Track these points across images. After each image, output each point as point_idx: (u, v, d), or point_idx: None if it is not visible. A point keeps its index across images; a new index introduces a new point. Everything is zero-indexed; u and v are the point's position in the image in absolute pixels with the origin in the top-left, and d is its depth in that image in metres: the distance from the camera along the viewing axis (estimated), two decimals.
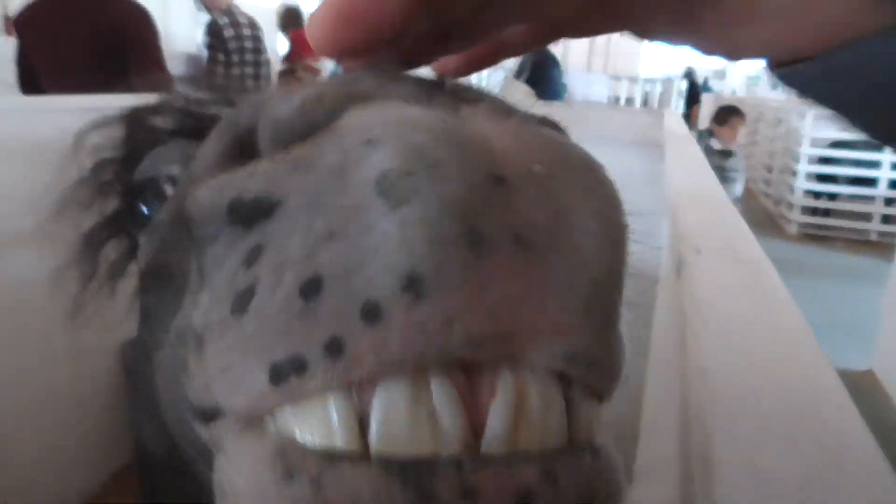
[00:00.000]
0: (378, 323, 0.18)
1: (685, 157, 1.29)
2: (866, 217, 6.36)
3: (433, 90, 0.22)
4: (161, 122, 0.67)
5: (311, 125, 0.21)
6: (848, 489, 0.29)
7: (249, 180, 0.20)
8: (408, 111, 0.20)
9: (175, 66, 5.79)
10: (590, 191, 0.21)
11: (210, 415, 0.23)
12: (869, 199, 6.41)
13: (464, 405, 0.19)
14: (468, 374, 0.20)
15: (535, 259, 0.19)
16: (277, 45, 5.71)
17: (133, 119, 0.70)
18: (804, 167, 7.07)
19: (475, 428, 0.19)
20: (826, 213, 7.00)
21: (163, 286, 0.34)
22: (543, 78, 4.95)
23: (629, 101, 8.87)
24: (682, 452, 0.34)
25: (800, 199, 7.18)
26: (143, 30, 2.60)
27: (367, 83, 0.22)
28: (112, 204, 0.71)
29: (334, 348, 0.18)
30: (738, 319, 0.45)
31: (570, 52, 12.19)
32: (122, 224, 0.70)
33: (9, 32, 6.01)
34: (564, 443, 0.21)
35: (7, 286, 1.46)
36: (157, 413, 0.39)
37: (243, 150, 0.24)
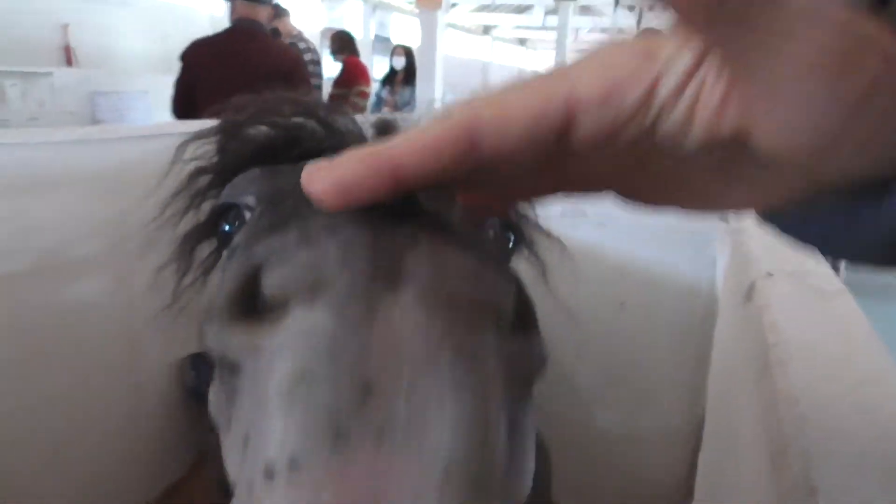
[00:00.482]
0: (271, 481, 0.26)
1: None
2: None
3: (374, 275, 0.28)
4: (251, 134, 0.72)
5: (273, 303, 0.29)
6: None
7: (228, 348, 0.30)
8: (318, 322, 0.27)
9: None
10: (452, 392, 0.26)
11: None
12: None
13: None
14: None
15: (394, 449, 0.25)
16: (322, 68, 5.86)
17: (226, 132, 0.74)
18: None
19: None
20: None
21: None
22: None
23: None
24: (779, 479, 0.34)
25: None
26: (297, 72, 2.97)
27: (317, 275, 0.28)
28: (206, 209, 0.76)
29: (250, 489, 0.27)
30: (822, 347, 0.45)
31: None
32: (214, 228, 0.74)
33: (69, 63, 6.29)
34: None
35: (72, 306, 1.53)
36: None
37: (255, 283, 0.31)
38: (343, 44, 5.29)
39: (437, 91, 5.07)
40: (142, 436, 1.85)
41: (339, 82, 5.13)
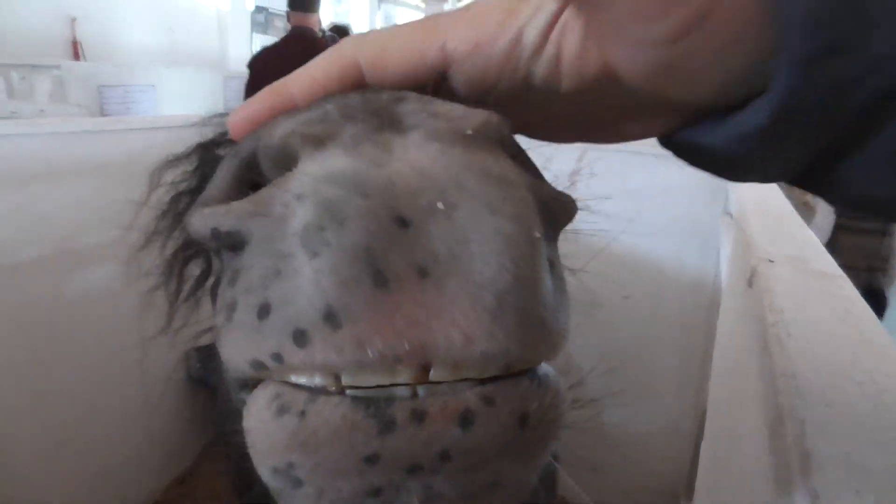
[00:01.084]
0: (305, 346, 0.23)
1: None
2: None
3: (382, 127, 0.27)
4: (226, 151, 0.74)
5: (278, 162, 0.27)
6: None
7: (224, 217, 0.26)
8: (334, 164, 0.24)
9: (232, 87, 5.98)
10: (490, 215, 0.24)
11: (241, 384, 0.30)
12: None
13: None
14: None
15: (440, 285, 0.23)
16: None
17: (201, 152, 0.76)
18: None
19: (425, 368, 0.24)
20: None
21: None
22: None
23: None
24: (775, 447, 0.35)
25: None
26: None
27: (322, 127, 0.27)
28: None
29: (277, 359, 0.24)
30: (820, 327, 0.46)
31: None
32: (201, 246, 0.76)
33: (76, 56, 6.31)
34: (502, 371, 0.25)
35: (81, 296, 1.54)
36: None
37: (251, 170, 0.30)
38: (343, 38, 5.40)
39: None
40: (149, 425, 1.87)
41: None
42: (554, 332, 0.26)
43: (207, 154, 0.76)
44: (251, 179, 0.30)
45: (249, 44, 8.62)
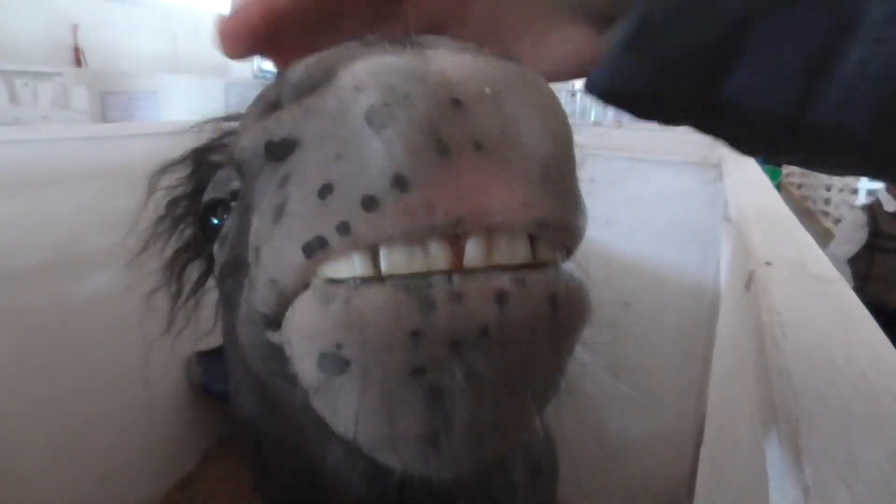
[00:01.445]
0: (375, 210, 0.25)
1: (746, 175, 1.29)
2: None
3: (403, 44, 0.28)
4: (220, 157, 0.75)
5: (315, 82, 0.28)
6: None
7: (275, 126, 0.28)
8: (382, 61, 0.26)
9: (234, 94, 6.00)
10: (532, 101, 0.27)
11: (273, 318, 0.30)
12: None
13: (449, 244, 0.26)
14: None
15: (493, 157, 0.26)
16: None
17: (196, 157, 0.77)
18: (865, 185, 6.84)
19: (460, 257, 0.26)
20: None
21: (237, 270, 0.45)
22: None
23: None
24: (768, 441, 0.36)
25: None
26: None
27: (353, 49, 0.28)
28: (188, 232, 0.79)
29: (343, 229, 0.26)
30: (816, 328, 0.47)
31: None
32: (199, 249, 0.77)
33: (78, 63, 6.33)
34: (531, 260, 0.27)
35: (83, 301, 1.55)
36: (248, 378, 0.46)
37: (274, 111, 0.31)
38: None
39: None
40: (151, 430, 1.87)
41: None
42: (583, 213, 0.29)
43: (202, 158, 0.77)
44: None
45: None
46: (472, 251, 0.27)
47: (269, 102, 0.31)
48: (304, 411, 0.33)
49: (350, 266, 0.27)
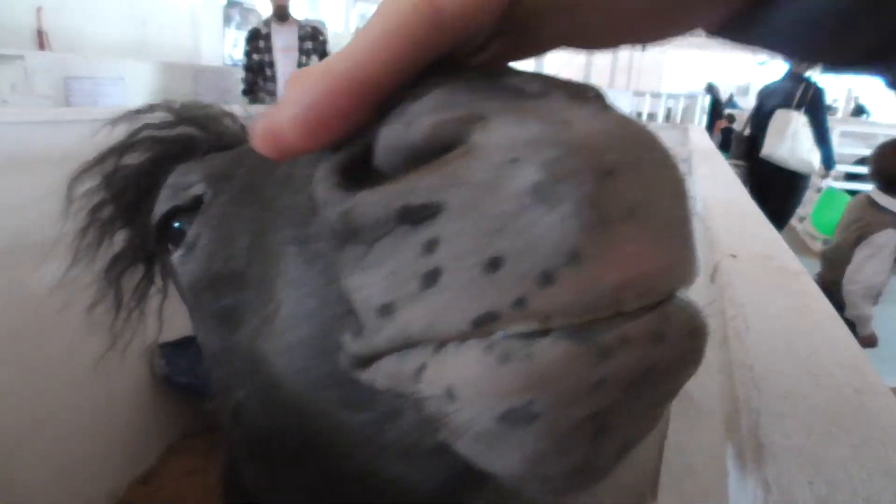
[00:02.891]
0: (550, 285, 0.26)
1: (713, 170, 1.30)
2: None
3: (523, 98, 0.29)
4: (133, 158, 0.72)
5: (443, 144, 0.28)
6: (893, 468, 0.30)
7: (413, 193, 0.27)
8: (530, 130, 0.27)
9: (204, 80, 5.90)
10: (659, 161, 0.28)
11: (367, 360, 0.31)
12: None
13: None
14: None
15: (642, 223, 0.27)
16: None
17: (117, 158, 0.74)
18: (830, 184, 7.00)
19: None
20: None
21: (234, 285, 0.45)
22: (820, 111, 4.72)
23: (651, 116, 8.84)
24: (730, 439, 0.35)
25: None
26: None
27: (475, 105, 0.28)
28: (119, 237, 0.75)
29: (520, 304, 0.26)
30: (779, 320, 0.46)
31: (593, 70, 12.21)
32: (136, 253, 0.73)
33: (42, 47, 6.17)
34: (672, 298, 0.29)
35: (42, 289, 1.50)
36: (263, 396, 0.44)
37: (354, 169, 0.31)
38: None
39: None
40: (112, 423, 1.83)
41: None
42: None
43: (114, 161, 0.73)
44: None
45: (222, 38, 8.52)
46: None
47: (353, 160, 0.31)
48: (364, 434, 0.37)
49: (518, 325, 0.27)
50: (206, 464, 1.97)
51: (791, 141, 4.55)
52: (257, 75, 5.12)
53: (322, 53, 5.23)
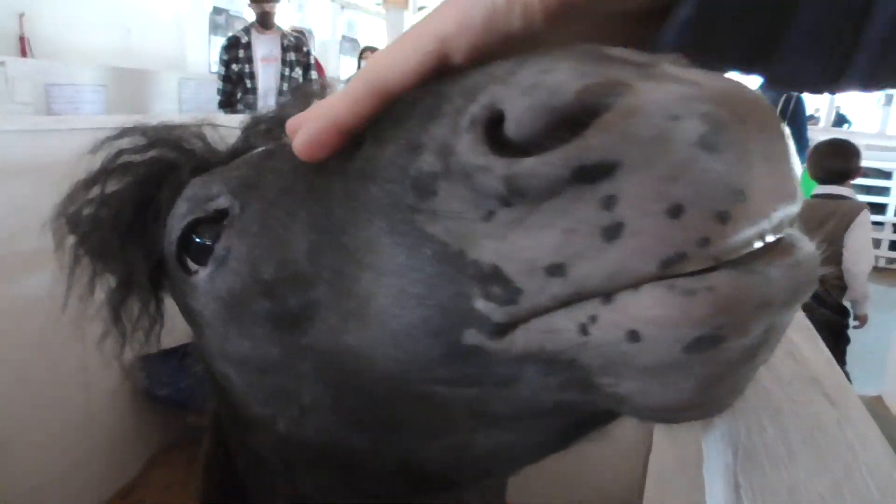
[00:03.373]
0: (727, 223, 0.29)
1: None
2: (875, 243, 6.34)
3: (642, 67, 0.32)
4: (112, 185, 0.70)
5: (589, 110, 0.30)
6: (873, 498, 0.30)
7: (589, 152, 0.30)
8: (676, 91, 0.30)
9: (188, 89, 5.87)
10: (763, 104, 0.32)
11: (512, 325, 0.33)
12: (878, 225, 6.39)
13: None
14: None
15: (773, 162, 0.31)
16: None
17: (89, 189, 0.71)
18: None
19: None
20: None
21: (308, 288, 0.46)
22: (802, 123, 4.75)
23: None
24: (706, 437, 0.35)
25: None
26: None
27: (609, 74, 0.31)
28: (119, 263, 0.72)
29: (704, 243, 0.29)
30: None
31: None
32: (135, 281, 0.70)
33: (23, 53, 6.11)
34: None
35: (21, 300, 1.48)
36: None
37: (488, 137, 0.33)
38: None
39: None
40: (92, 436, 1.81)
41: None
42: None
43: (101, 188, 0.71)
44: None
45: (208, 45, 8.49)
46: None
47: (479, 122, 0.33)
48: (470, 408, 0.39)
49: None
50: (186, 476, 1.94)
51: None
52: (236, 86, 4.91)
53: (306, 66, 5.03)
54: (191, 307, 0.62)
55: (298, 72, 4.98)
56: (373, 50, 6.26)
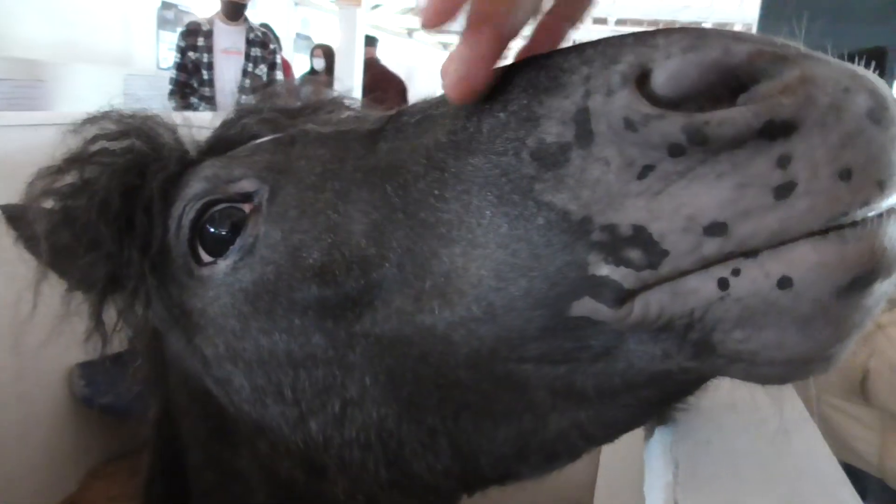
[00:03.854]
0: (885, 189, 0.32)
1: None
2: None
3: (786, 48, 0.34)
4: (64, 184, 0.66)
5: (757, 73, 0.33)
6: None
7: (781, 108, 0.32)
8: (838, 68, 0.33)
9: (134, 86, 5.70)
10: (877, 80, 0.35)
11: (629, 294, 0.34)
12: None
13: None
14: None
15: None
16: None
17: (67, 172, 0.67)
18: None
19: None
20: None
21: (371, 270, 0.45)
22: None
23: None
24: (647, 455, 0.34)
25: None
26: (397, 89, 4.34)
27: (767, 47, 0.34)
28: (89, 266, 0.67)
29: (865, 204, 0.32)
30: None
31: None
32: (127, 276, 0.65)
33: None
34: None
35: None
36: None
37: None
38: None
39: (356, 92, 4.99)
40: (29, 447, 1.73)
41: None
42: None
43: (80, 174, 0.66)
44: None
45: (156, 41, 8.26)
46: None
47: (632, 80, 0.34)
48: (552, 387, 0.39)
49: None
50: (127, 490, 1.88)
51: None
52: (191, 76, 4.54)
53: (272, 64, 4.71)
54: (187, 306, 0.58)
55: (263, 69, 4.66)
56: (325, 48, 6.17)
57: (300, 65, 8.02)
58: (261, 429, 0.56)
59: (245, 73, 4.55)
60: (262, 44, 4.65)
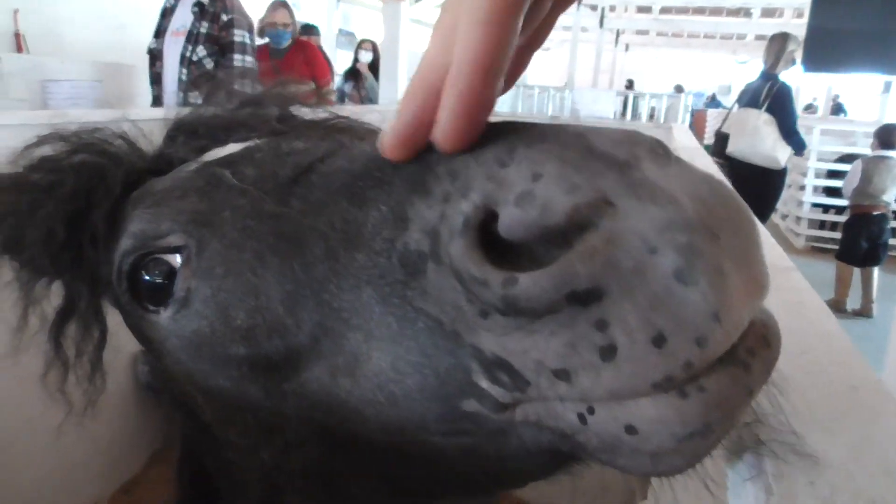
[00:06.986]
0: (707, 345, 0.31)
1: (695, 162, 1.29)
2: None
3: (625, 170, 0.33)
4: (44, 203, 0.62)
5: (577, 226, 0.32)
6: (889, 463, 0.30)
7: (578, 279, 0.31)
8: (654, 218, 0.31)
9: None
10: (739, 211, 0.34)
11: (509, 406, 0.36)
12: None
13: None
14: None
15: (745, 267, 0.33)
16: None
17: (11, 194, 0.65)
18: (812, 181, 7.09)
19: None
20: (834, 226, 7.00)
21: (289, 336, 0.45)
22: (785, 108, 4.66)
23: (635, 116, 8.89)
24: (729, 439, 0.34)
25: (807, 213, 7.19)
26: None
27: (594, 187, 0.33)
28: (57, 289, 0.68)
29: (688, 367, 0.31)
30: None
31: (577, 71, 12.25)
32: (76, 308, 0.66)
33: (19, 49, 6.07)
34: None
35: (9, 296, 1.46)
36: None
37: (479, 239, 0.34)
38: None
39: (400, 87, 5.00)
40: (94, 432, 1.80)
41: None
42: None
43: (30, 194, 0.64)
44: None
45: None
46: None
47: (473, 226, 0.34)
48: (460, 450, 0.41)
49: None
50: None
51: (751, 137, 4.56)
52: (151, 68, 3.68)
53: (225, 46, 3.33)
54: (149, 337, 0.59)
55: (203, 51, 3.28)
56: (373, 43, 6.20)
57: (343, 61, 8.06)
58: (228, 442, 0.58)
59: (182, 58, 3.29)
60: (211, 17, 3.27)
